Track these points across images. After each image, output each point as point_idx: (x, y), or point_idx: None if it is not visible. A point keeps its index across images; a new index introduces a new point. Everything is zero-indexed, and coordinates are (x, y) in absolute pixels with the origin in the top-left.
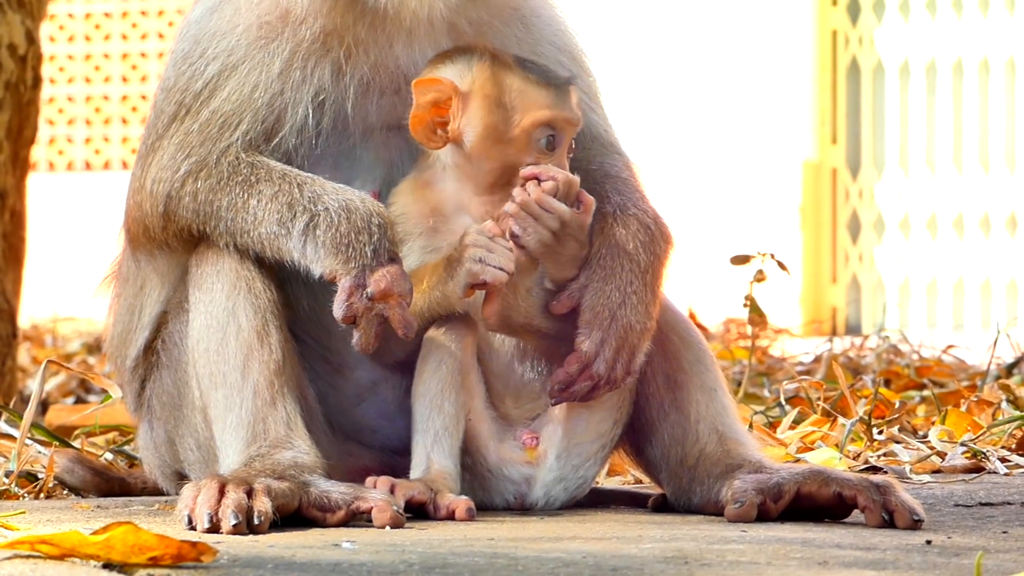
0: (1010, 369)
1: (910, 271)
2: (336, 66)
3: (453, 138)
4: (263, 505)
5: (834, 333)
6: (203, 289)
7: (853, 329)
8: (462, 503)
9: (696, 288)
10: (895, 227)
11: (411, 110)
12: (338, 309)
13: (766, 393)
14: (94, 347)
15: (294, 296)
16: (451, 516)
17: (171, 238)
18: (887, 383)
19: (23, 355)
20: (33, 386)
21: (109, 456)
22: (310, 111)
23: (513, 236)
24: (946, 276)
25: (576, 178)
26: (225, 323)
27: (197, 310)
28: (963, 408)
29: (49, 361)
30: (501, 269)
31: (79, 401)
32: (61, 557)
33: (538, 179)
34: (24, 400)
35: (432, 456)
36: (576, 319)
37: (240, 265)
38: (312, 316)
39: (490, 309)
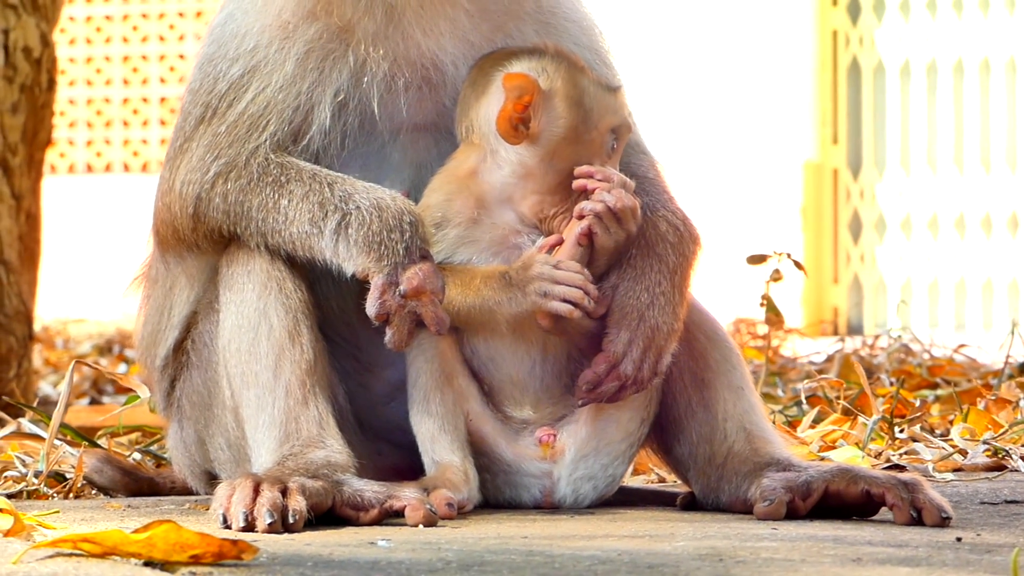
0: (1022, 368)
1: (912, 271)
2: (355, 62)
3: (532, 135)
4: (298, 504)
5: (836, 333)
6: (234, 289)
7: (855, 329)
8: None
9: (699, 289)
10: (896, 227)
11: (499, 105)
12: (371, 307)
13: (780, 392)
14: (105, 349)
15: (324, 296)
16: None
17: (201, 239)
18: (901, 382)
19: (35, 357)
20: (47, 388)
21: (137, 456)
22: (330, 111)
23: (590, 235)
24: (948, 276)
25: (633, 183)
26: (256, 323)
27: (228, 310)
28: (981, 406)
29: (77, 361)
30: (567, 301)
31: (93, 402)
32: (103, 555)
33: (611, 182)
34: (41, 402)
35: (434, 456)
36: (605, 318)
37: (271, 265)
38: (342, 316)
39: (547, 318)
